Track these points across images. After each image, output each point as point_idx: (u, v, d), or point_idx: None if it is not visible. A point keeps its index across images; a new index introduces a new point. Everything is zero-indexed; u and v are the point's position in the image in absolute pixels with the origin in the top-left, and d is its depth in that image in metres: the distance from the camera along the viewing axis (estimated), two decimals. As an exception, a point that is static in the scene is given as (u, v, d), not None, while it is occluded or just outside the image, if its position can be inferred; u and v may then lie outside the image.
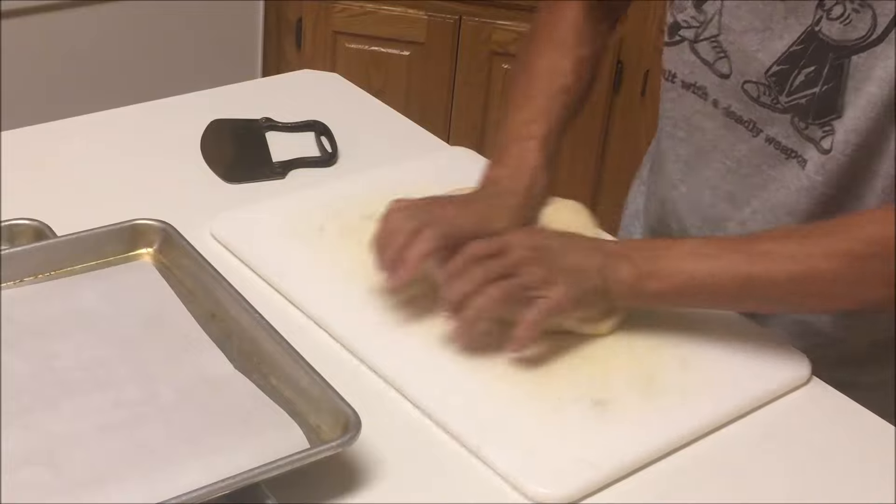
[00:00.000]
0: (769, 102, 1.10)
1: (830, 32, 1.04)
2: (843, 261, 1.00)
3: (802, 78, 1.07)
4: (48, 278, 1.05)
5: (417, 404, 0.98)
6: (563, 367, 1.03)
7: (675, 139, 1.23)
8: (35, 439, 0.86)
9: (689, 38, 1.15)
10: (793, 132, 1.10)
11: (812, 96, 1.06)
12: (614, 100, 2.46)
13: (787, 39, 1.07)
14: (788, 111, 1.09)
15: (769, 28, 1.08)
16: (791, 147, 1.10)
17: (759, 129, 1.12)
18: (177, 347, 0.97)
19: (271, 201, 1.24)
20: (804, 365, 1.06)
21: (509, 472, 0.92)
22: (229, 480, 0.83)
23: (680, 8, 1.15)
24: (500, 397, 0.99)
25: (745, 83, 1.11)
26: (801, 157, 1.10)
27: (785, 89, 1.08)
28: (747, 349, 1.07)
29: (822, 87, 1.06)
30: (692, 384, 1.02)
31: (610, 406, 0.99)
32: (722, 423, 1.00)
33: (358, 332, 1.05)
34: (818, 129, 1.07)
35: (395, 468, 0.93)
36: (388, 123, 1.46)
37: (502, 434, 0.96)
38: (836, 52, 1.04)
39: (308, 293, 1.10)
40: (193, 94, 1.47)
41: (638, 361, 1.04)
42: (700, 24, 1.14)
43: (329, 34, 2.51)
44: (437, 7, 2.45)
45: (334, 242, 1.16)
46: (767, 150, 1.13)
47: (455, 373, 1.01)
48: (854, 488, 0.96)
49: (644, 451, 0.96)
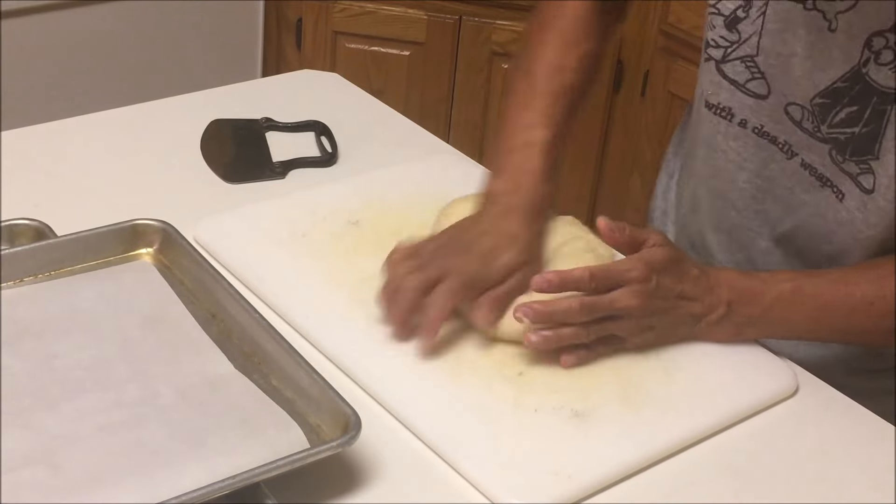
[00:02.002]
0: (811, 129, 1.08)
1: (878, 77, 1.01)
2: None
3: (843, 115, 1.04)
4: (48, 278, 1.05)
5: (393, 412, 0.97)
6: (545, 376, 1.01)
7: (695, 158, 1.22)
8: (35, 439, 0.86)
9: (717, 58, 1.13)
10: (829, 163, 1.08)
11: (851, 135, 1.04)
12: (614, 100, 2.46)
13: (832, 74, 1.04)
14: (828, 142, 1.07)
15: (811, 57, 1.05)
16: (827, 176, 1.08)
17: (795, 153, 1.10)
18: (177, 347, 0.97)
19: (257, 205, 1.22)
20: (791, 377, 1.05)
21: (483, 481, 0.91)
22: (229, 480, 0.82)
23: (710, 26, 1.12)
24: (479, 406, 0.97)
25: (789, 105, 1.09)
26: (838, 189, 1.08)
27: (826, 121, 1.06)
28: (734, 360, 1.05)
29: (862, 128, 1.04)
30: (675, 395, 1.00)
31: (589, 417, 0.97)
32: (704, 435, 0.98)
33: (335, 341, 1.03)
34: (855, 166, 1.05)
35: (395, 468, 0.93)
36: (388, 123, 1.46)
37: (478, 443, 0.94)
38: (881, 97, 1.02)
39: (284, 299, 1.08)
40: (193, 94, 1.47)
41: (621, 371, 1.02)
42: (731, 43, 1.11)
43: (329, 34, 2.51)
44: (437, 7, 2.45)
45: (315, 249, 1.14)
46: (802, 174, 1.10)
47: (434, 381, 1.00)
48: (854, 489, 0.96)
49: (622, 463, 0.94)
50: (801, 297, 1.04)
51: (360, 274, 1.10)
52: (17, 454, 0.84)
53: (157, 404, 0.91)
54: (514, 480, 0.91)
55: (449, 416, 0.96)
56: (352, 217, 1.19)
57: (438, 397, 0.98)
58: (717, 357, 1.05)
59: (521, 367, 1.01)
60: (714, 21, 1.12)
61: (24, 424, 0.87)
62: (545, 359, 1.01)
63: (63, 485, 0.82)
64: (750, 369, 1.04)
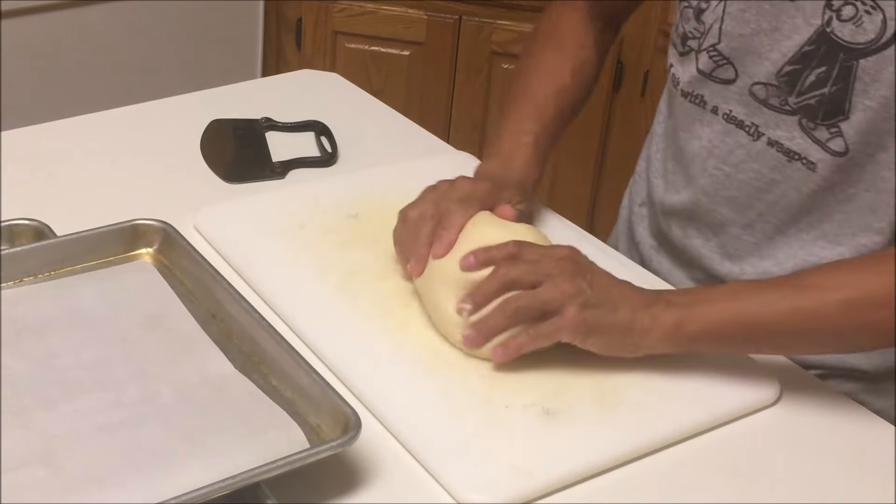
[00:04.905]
0: (777, 104, 1.10)
1: (842, 34, 1.04)
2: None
3: (813, 78, 1.07)
4: (48, 278, 1.05)
5: (364, 401, 0.97)
6: (521, 374, 1.00)
7: (672, 143, 1.23)
8: (35, 439, 0.86)
9: (695, 48, 1.16)
10: (799, 134, 1.10)
11: (822, 96, 1.07)
12: (614, 100, 2.46)
13: (798, 39, 1.07)
14: (797, 112, 1.09)
15: (777, 28, 1.08)
16: (794, 150, 1.10)
17: (761, 133, 1.12)
18: (177, 347, 0.97)
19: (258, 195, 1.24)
20: (773, 385, 1.04)
21: (442, 476, 0.91)
22: (229, 480, 0.82)
23: (685, 18, 1.16)
24: (450, 401, 0.97)
25: (754, 85, 1.11)
26: (807, 160, 1.10)
27: (795, 89, 1.08)
28: (714, 367, 1.04)
29: (832, 87, 1.06)
30: (651, 399, 1.00)
31: (560, 415, 0.96)
32: (676, 439, 0.97)
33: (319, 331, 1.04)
34: (825, 131, 1.08)
35: (395, 468, 0.93)
36: (388, 123, 1.46)
37: (442, 438, 0.94)
38: (847, 53, 1.04)
39: (274, 287, 1.09)
40: (193, 94, 1.47)
41: (599, 374, 1.01)
42: (701, 34, 1.14)
43: (329, 34, 2.51)
44: (437, 7, 2.45)
45: (311, 240, 1.16)
46: (768, 153, 1.12)
47: (409, 374, 1.00)
48: (854, 489, 0.96)
49: (586, 463, 0.93)
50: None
51: (351, 266, 1.11)
52: (17, 454, 0.84)
53: (157, 404, 0.91)
54: (473, 476, 0.91)
55: (418, 409, 0.97)
56: (351, 211, 1.20)
57: (411, 390, 0.98)
58: (699, 363, 1.04)
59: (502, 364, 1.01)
60: (687, 14, 1.16)
61: (24, 424, 0.87)
62: (524, 357, 1.01)
63: (63, 485, 0.82)
64: (731, 377, 1.03)
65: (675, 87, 1.20)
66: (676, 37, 1.19)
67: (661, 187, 1.27)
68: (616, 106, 2.46)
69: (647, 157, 1.33)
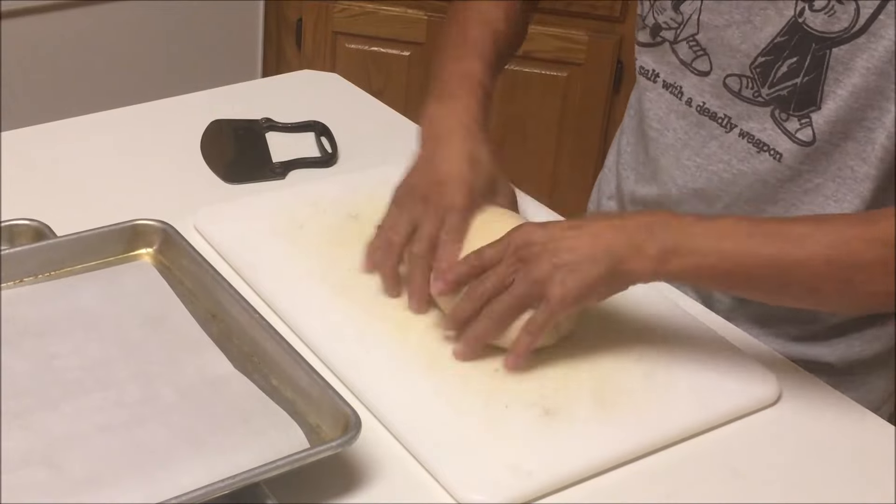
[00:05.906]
0: (750, 96, 1.12)
1: (815, 24, 1.05)
2: (884, 249, 0.95)
3: (785, 69, 1.08)
4: (48, 278, 1.05)
5: (363, 401, 0.97)
6: (522, 374, 1.00)
7: (645, 136, 1.24)
8: (35, 439, 0.86)
9: (669, 39, 1.17)
10: (770, 125, 1.11)
11: (794, 87, 1.08)
12: (614, 100, 2.46)
13: (770, 30, 1.08)
14: (770, 103, 1.11)
15: (749, 21, 1.09)
16: (764, 141, 1.12)
17: (734, 125, 1.14)
18: (177, 347, 0.97)
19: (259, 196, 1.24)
20: (773, 385, 1.04)
21: (441, 475, 0.91)
22: (229, 480, 0.83)
23: (660, 10, 1.17)
24: (450, 400, 0.97)
25: (728, 77, 1.13)
26: (775, 150, 1.11)
27: (768, 81, 1.10)
28: (715, 366, 1.04)
29: (804, 77, 1.07)
30: (651, 398, 1.00)
31: (560, 415, 0.96)
32: (676, 439, 0.97)
33: (319, 331, 1.04)
34: (796, 121, 1.09)
35: (395, 468, 0.93)
36: (388, 123, 1.46)
37: (442, 437, 0.94)
38: (819, 42, 1.05)
39: (274, 287, 1.09)
40: (193, 94, 1.47)
41: (600, 373, 1.01)
42: (678, 24, 1.15)
43: (329, 34, 2.51)
44: (437, 7, 2.45)
45: (311, 240, 1.16)
46: (739, 144, 1.14)
47: (409, 373, 1.00)
48: (854, 488, 0.96)
49: (586, 463, 0.93)
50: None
51: (351, 266, 1.11)
52: (17, 454, 0.84)
53: (157, 404, 0.91)
54: (472, 476, 0.91)
55: (418, 408, 0.97)
56: (352, 211, 1.20)
57: (411, 389, 0.99)
58: (699, 363, 1.04)
59: (499, 363, 1.01)
60: (662, 5, 1.17)
61: (25, 424, 0.87)
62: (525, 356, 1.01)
63: (63, 485, 0.82)
64: (731, 377, 1.03)
65: (649, 80, 1.21)
66: (643, 29, 1.20)
67: (631, 179, 1.29)
68: (616, 106, 2.46)
69: (618, 150, 1.33)
